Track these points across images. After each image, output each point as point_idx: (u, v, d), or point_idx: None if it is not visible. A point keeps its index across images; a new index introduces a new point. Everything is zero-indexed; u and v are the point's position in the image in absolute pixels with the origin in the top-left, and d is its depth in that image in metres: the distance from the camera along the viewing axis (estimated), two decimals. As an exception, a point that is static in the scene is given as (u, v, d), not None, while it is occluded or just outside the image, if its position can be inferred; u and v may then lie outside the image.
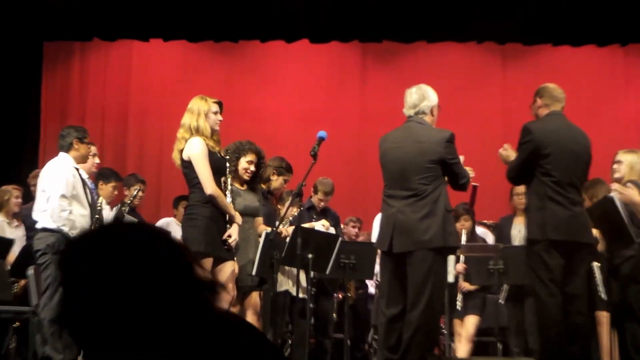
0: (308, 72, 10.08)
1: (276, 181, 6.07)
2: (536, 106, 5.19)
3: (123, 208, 6.39)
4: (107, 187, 6.73)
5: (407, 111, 4.83)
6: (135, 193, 6.83)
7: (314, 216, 6.89)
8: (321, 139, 4.93)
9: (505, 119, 9.89)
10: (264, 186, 5.95)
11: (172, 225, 7.40)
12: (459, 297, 6.73)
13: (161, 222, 7.57)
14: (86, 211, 5.62)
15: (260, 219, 5.70)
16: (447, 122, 9.75)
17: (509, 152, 5.15)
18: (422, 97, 4.80)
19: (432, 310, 4.53)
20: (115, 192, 6.86)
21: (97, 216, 5.66)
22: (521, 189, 6.62)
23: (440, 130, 4.74)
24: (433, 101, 4.83)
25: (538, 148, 4.86)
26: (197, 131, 4.85)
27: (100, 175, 6.75)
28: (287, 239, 5.35)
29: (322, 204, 7.07)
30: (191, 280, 1.41)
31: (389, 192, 4.69)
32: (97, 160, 6.12)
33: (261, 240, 5.31)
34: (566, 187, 4.81)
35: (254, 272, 5.29)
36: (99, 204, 5.88)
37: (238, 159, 5.55)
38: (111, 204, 6.78)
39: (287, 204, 5.73)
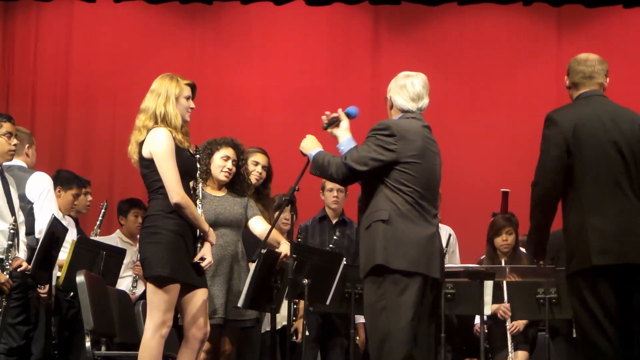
0: (304, 42, 10.18)
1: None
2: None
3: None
4: (66, 195, 6.88)
5: (410, 104, 4.94)
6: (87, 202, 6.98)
7: (328, 229, 6.98)
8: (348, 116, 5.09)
9: (561, 104, 9.96)
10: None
11: (120, 243, 7.40)
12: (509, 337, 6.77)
13: (113, 238, 7.60)
14: (4, 226, 5.60)
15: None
16: (486, 109, 9.94)
17: None
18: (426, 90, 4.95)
19: None
20: (76, 203, 7.02)
21: (12, 229, 5.58)
22: None
23: None
24: None
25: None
26: (164, 120, 4.89)
27: (59, 179, 6.87)
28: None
29: (336, 201, 6.98)
30: None
31: (425, 204, 4.63)
32: (13, 142, 5.85)
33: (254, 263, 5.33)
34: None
35: (240, 303, 5.31)
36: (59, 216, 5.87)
37: (210, 156, 5.65)
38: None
39: (277, 213, 5.78)
